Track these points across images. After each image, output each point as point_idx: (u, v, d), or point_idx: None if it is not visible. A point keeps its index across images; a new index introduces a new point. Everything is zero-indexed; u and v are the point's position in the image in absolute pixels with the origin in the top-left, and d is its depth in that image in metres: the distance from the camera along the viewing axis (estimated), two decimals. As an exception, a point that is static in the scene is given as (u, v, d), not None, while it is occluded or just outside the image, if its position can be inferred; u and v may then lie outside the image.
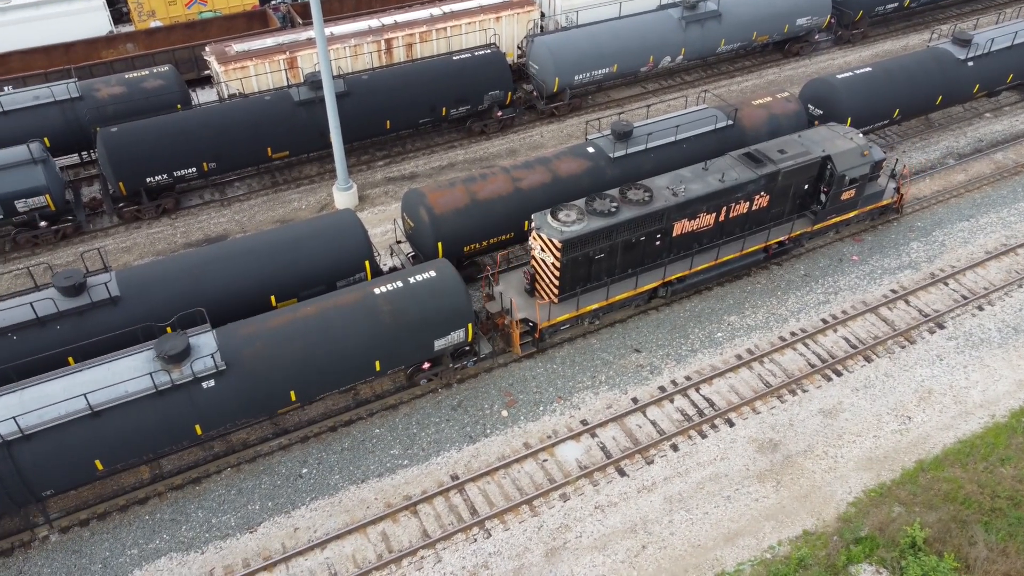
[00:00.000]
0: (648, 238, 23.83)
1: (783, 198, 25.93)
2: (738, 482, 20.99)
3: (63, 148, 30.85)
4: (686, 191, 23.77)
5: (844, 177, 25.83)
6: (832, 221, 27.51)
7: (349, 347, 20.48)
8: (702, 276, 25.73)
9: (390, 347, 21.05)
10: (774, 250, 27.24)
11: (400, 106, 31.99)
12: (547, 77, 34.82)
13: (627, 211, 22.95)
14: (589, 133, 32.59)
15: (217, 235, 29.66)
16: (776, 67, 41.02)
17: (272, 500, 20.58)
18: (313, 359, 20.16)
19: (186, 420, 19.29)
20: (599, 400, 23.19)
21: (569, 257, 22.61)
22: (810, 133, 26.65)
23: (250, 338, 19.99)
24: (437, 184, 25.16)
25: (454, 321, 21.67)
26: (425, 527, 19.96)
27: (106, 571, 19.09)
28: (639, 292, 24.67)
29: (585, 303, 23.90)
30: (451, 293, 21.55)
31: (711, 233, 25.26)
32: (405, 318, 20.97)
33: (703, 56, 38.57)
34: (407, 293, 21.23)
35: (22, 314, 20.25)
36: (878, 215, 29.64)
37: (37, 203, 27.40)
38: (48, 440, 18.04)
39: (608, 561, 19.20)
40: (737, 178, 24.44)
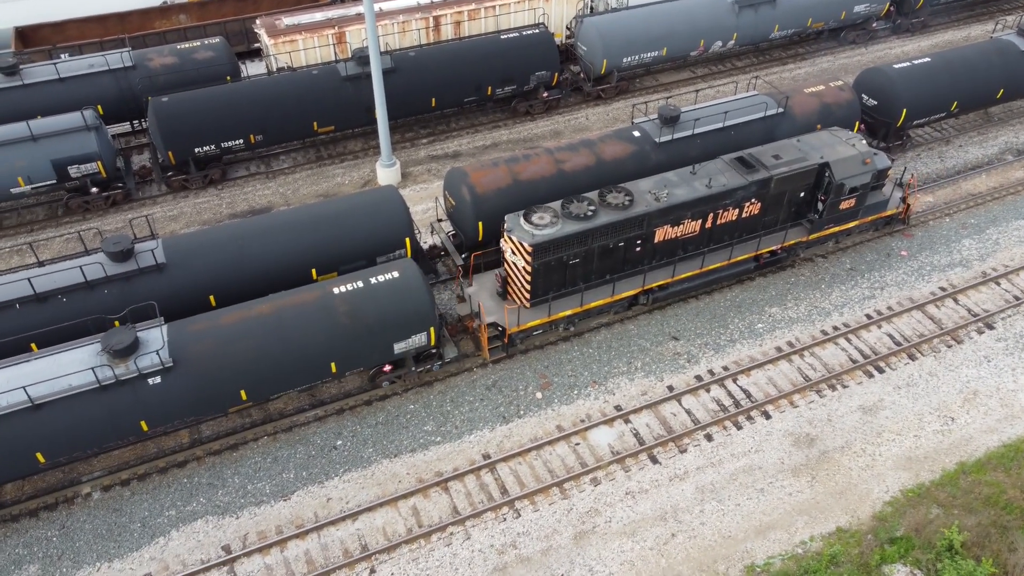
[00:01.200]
0: (627, 244, 22.85)
1: (776, 206, 24.69)
2: (772, 475, 20.74)
3: (115, 116, 31.43)
4: (669, 196, 22.66)
5: (843, 186, 24.46)
6: (830, 231, 26.09)
7: (303, 348, 19.87)
8: (686, 285, 24.62)
9: (347, 349, 20.35)
10: (766, 259, 25.89)
11: (446, 84, 31.95)
12: (595, 59, 34.45)
13: (604, 215, 22.00)
14: (635, 117, 32.24)
15: (261, 207, 30.02)
16: (831, 55, 40.04)
17: (306, 470, 20.90)
18: (265, 359, 19.60)
19: (131, 416, 18.92)
20: (634, 386, 23.06)
21: (541, 261, 21.77)
22: (810, 138, 25.31)
23: (201, 335, 19.50)
24: (480, 163, 25.11)
25: (415, 324, 20.88)
26: (455, 504, 20.11)
27: (144, 530, 19.60)
28: (616, 300, 23.76)
29: (558, 309, 23.05)
30: (412, 296, 20.74)
31: (697, 240, 24.10)
32: (363, 320, 20.24)
33: (755, 42, 37.82)
34: (366, 294, 20.50)
35: (72, 277, 20.74)
36: (882, 226, 28.13)
37: (89, 169, 27.98)
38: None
39: (637, 547, 19.15)
40: (725, 184, 23.25)
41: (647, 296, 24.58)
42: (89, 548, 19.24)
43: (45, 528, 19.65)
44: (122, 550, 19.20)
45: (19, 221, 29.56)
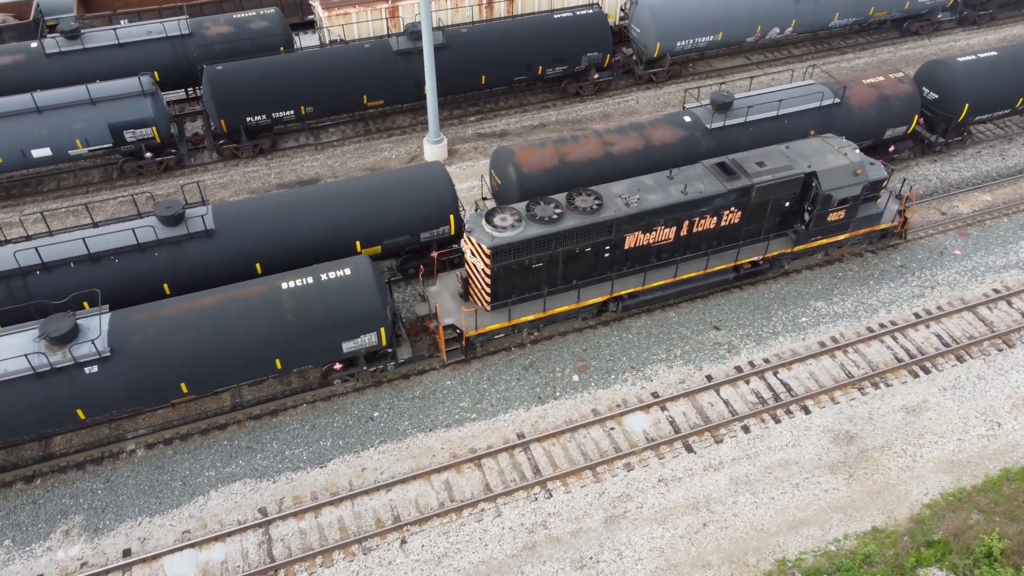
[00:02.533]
0: (596, 249, 22.05)
1: (759, 215, 23.61)
2: (808, 471, 20.48)
3: (171, 83, 31.98)
4: (640, 201, 21.76)
5: (830, 197, 23.27)
6: (817, 244, 24.93)
7: (246, 343, 19.49)
8: (658, 293, 23.76)
9: (292, 346, 19.93)
10: (746, 270, 24.83)
11: (497, 62, 31.83)
12: (648, 41, 33.99)
13: (571, 219, 21.19)
14: (687, 102, 31.78)
15: (309, 178, 30.33)
16: (892, 46, 38.93)
17: (343, 439, 21.21)
18: (206, 352, 19.26)
19: (66, 404, 18.75)
20: (672, 374, 22.90)
21: (501, 265, 21.12)
22: (800, 145, 23.99)
23: (142, 325, 19.23)
24: (527, 143, 25.01)
25: (364, 324, 20.34)
26: (488, 481, 20.25)
27: (185, 488, 20.12)
28: (582, 306, 23.02)
29: (519, 314, 22.34)
30: (362, 295, 20.14)
31: (672, 248, 23.24)
32: (309, 318, 19.77)
33: (814, 29, 36.93)
34: (314, 291, 19.99)
35: (124, 239, 21.23)
36: (877, 240, 26.76)
37: (144, 134, 28.52)
38: None
39: (667, 535, 19.11)
40: (702, 191, 22.25)
41: (616, 304, 23.70)
42: (132, 502, 19.82)
43: (91, 481, 20.28)
44: (163, 506, 19.74)
45: (76, 182, 30.31)
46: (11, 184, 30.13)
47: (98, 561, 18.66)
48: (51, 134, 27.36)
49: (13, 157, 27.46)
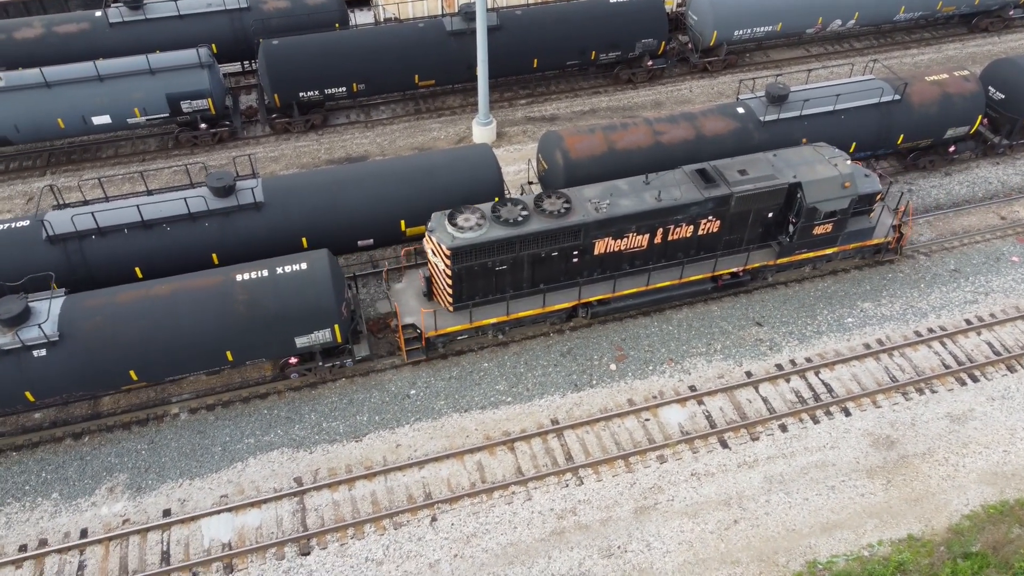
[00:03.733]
0: (563, 254, 21.50)
1: (740, 225, 22.76)
2: (845, 474, 20.17)
3: (228, 56, 32.47)
4: (610, 207, 21.13)
5: (816, 210, 22.33)
6: (802, 257, 23.96)
7: (196, 334, 19.43)
8: (630, 302, 23.08)
9: (243, 339, 19.81)
10: (725, 281, 23.97)
11: (550, 45, 31.63)
12: (705, 29, 33.43)
13: (537, 222, 20.67)
14: (741, 93, 31.19)
15: (358, 155, 30.60)
16: (959, 42, 37.67)
17: (379, 415, 21.50)
18: (156, 341, 19.25)
19: (14, 386, 18.87)
20: (711, 368, 22.69)
21: (462, 266, 20.72)
22: (788, 153, 23.05)
23: (93, 311, 19.28)
24: (576, 128, 24.86)
25: (317, 320, 20.12)
26: (520, 464, 20.36)
27: (224, 453, 20.63)
28: (547, 311, 22.46)
29: (482, 316, 21.95)
30: (316, 291, 19.90)
31: (645, 255, 22.58)
32: (261, 311, 19.62)
33: (877, 23, 35.90)
34: (268, 285, 19.80)
35: (176, 208, 21.71)
36: (870, 255, 25.58)
37: (200, 105, 29.05)
38: None
39: (697, 529, 19.02)
40: (678, 198, 21.49)
41: (586, 310, 23.18)
42: (173, 464, 20.40)
43: (136, 441, 20.91)
44: (203, 470, 20.28)
45: (133, 150, 31.04)
46: (72, 149, 30.98)
47: (139, 519, 19.27)
48: (111, 102, 28.04)
49: (75, 123, 28.21)
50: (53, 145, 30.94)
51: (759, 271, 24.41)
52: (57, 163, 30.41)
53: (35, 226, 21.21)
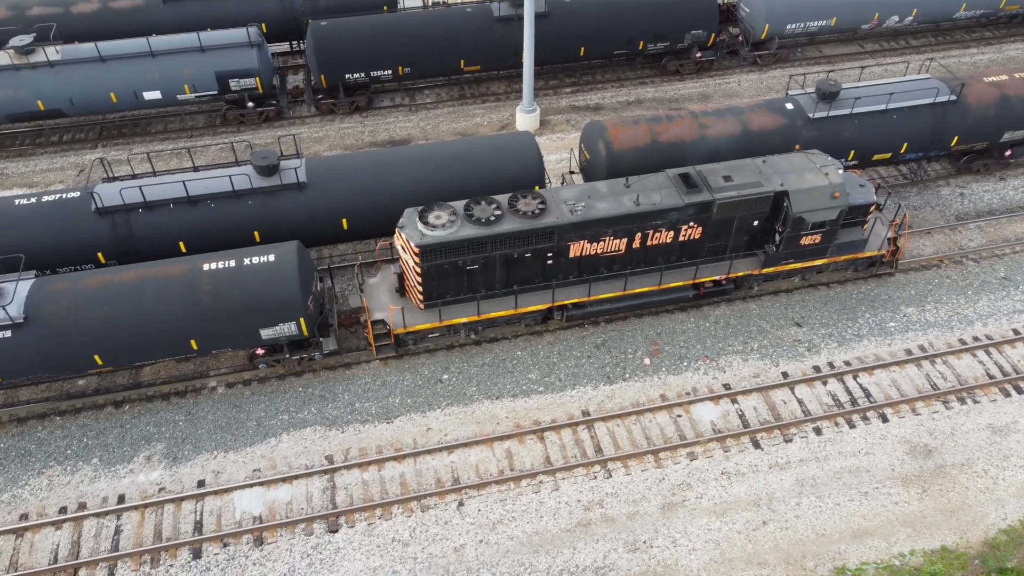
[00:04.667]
0: (536, 256, 21.11)
1: (723, 232, 22.08)
2: (879, 480, 19.82)
3: (277, 35, 32.79)
4: (586, 209, 20.67)
5: (802, 220, 21.65)
6: (789, 267, 23.25)
7: (160, 321, 19.51)
8: (607, 306, 22.55)
9: (208, 328, 19.84)
10: (708, 289, 23.33)
11: (597, 34, 31.34)
12: (756, 22, 32.83)
13: (509, 223, 20.28)
14: (791, 88, 30.65)
15: (401, 139, 30.72)
16: (1021, 43, 36.45)
17: (411, 398, 21.67)
18: (120, 327, 19.36)
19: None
20: (747, 367, 22.42)
21: (431, 264, 20.44)
22: (778, 160, 22.24)
23: (59, 294, 19.43)
24: (620, 119, 24.64)
25: (282, 313, 20.00)
26: (549, 454, 20.38)
27: (259, 428, 20.98)
28: (520, 313, 22.04)
29: (453, 315, 21.66)
30: (282, 283, 19.80)
31: (623, 260, 22.08)
32: (225, 301, 19.61)
33: (936, 20, 34.91)
34: (234, 275, 19.77)
35: (221, 185, 22.04)
36: (863, 267, 24.70)
37: (248, 84, 29.40)
38: None
39: (724, 528, 18.87)
40: (656, 203, 20.90)
41: (561, 313, 22.76)
42: (209, 436, 20.81)
43: (174, 412, 21.37)
44: (237, 443, 20.66)
45: (181, 126, 31.56)
46: (123, 123, 31.60)
47: (175, 488, 19.72)
48: (162, 78, 28.51)
49: (126, 98, 28.76)
50: (105, 119, 31.60)
51: (744, 280, 23.70)
52: (108, 136, 31.05)
53: (85, 198, 21.71)
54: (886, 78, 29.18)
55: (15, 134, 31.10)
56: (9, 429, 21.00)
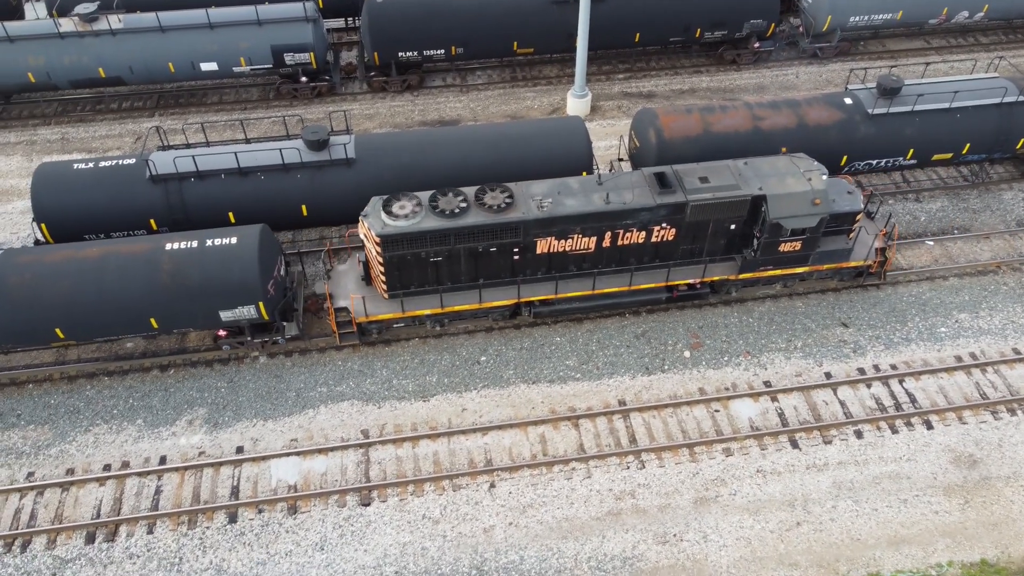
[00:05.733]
0: (502, 251, 20.72)
1: (698, 235, 21.43)
2: (920, 488, 19.36)
3: (332, 11, 33.02)
4: (553, 205, 20.22)
5: (780, 226, 20.85)
6: (768, 274, 22.50)
7: (120, 298, 19.68)
8: (576, 304, 22.14)
9: (168, 307, 19.99)
10: (681, 292, 22.69)
11: (654, 20, 30.87)
12: (819, 13, 31.99)
13: (474, 216, 19.98)
14: (851, 83, 29.83)
15: (451, 119, 30.72)
16: (1098, 43, 34.97)
17: (448, 377, 21.77)
18: (80, 302, 19.60)
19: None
20: (789, 366, 22.04)
21: (393, 254, 20.17)
22: (760, 163, 21.46)
23: (23, 267, 19.71)
24: (673, 107, 24.28)
25: (241, 296, 20.02)
26: (583, 441, 20.32)
27: (298, 399, 21.31)
28: (484, 307, 21.67)
29: (416, 307, 21.37)
30: (241, 267, 19.81)
31: (593, 258, 21.55)
32: (184, 282, 19.74)
33: (1009, 17, 33.61)
34: (195, 256, 19.85)
35: (271, 157, 22.31)
36: (850, 277, 23.77)
37: (302, 59, 29.64)
38: None
39: (757, 527, 18.64)
40: (627, 202, 20.35)
41: (528, 309, 22.36)
42: (249, 404, 21.21)
43: (217, 379, 21.80)
44: (276, 413, 21.01)
45: (235, 98, 31.99)
46: (179, 93, 32.16)
47: (214, 453, 20.15)
48: (219, 50, 28.91)
49: (184, 68, 29.23)
50: (162, 88, 32.19)
51: (721, 285, 23.09)
52: (165, 106, 31.64)
53: (140, 165, 22.17)
54: (951, 76, 28.24)
55: (77, 100, 31.86)
56: (60, 386, 21.66)
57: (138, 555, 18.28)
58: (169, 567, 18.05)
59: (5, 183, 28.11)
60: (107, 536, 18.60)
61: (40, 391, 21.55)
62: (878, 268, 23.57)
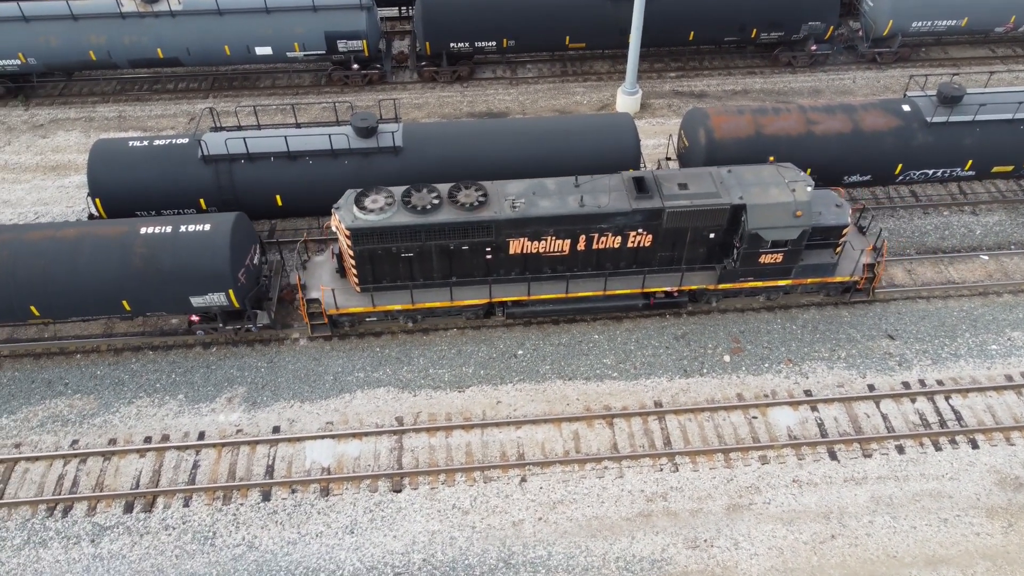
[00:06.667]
0: (474, 249, 20.51)
1: (676, 242, 20.97)
2: (962, 508, 18.84)
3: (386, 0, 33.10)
4: (527, 206, 19.94)
5: (759, 237, 20.30)
6: (748, 285, 21.88)
7: (94, 280, 19.93)
8: (549, 307, 21.86)
9: (139, 291, 20.17)
10: (658, 300, 22.28)
11: (709, 19, 30.46)
12: (880, 17, 31.23)
13: (446, 213, 19.80)
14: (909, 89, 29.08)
15: (499, 111, 30.69)
16: None
17: (484, 369, 21.79)
18: (55, 281, 19.83)
19: None
20: (831, 376, 21.61)
21: (364, 248, 20.08)
22: (743, 171, 20.86)
23: (1, 245, 20.00)
24: (724, 108, 23.93)
25: (211, 283, 20.16)
26: (616, 441, 20.19)
27: (335, 383, 21.52)
28: (455, 305, 21.49)
29: (387, 301, 21.24)
30: (212, 254, 19.94)
31: (567, 261, 21.24)
32: (157, 266, 19.91)
33: (1081, 27, 32.44)
34: (168, 242, 20.02)
35: (320, 143, 22.52)
36: (837, 293, 23.07)
37: (355, 46, 29.86)
38: None
39: (790, 537, 18.33)
40: (602, 206, 19.98)
41: (501, 309, 22.16)
42: (288, 386, 21.48)
43: (257, 359, 22.12)
44: (314, 395, 21.25)
45: (288, 83, 32.37)
46: (234, 76, 32.65)
47: (251, 431, 20.46)
48: (274, 34, 29.26)
49: (239, 51, 29.66)
50: (217, 71, 32.69)
51: (700, 294, 22.60)
52: (219, 88, 32.15)
53: (192, 145, 22.55)
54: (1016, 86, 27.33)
55: (135, 79, 32.55)
56: (107, 357, 22.18)
57: (173, 527, 18.65)
58: (203, 540, 18.40)
59: (63, 157, 28.85)
60: (144, 507, 19.02)
61: (87, 362, 22.09)
62: (865, 284, 22.85)
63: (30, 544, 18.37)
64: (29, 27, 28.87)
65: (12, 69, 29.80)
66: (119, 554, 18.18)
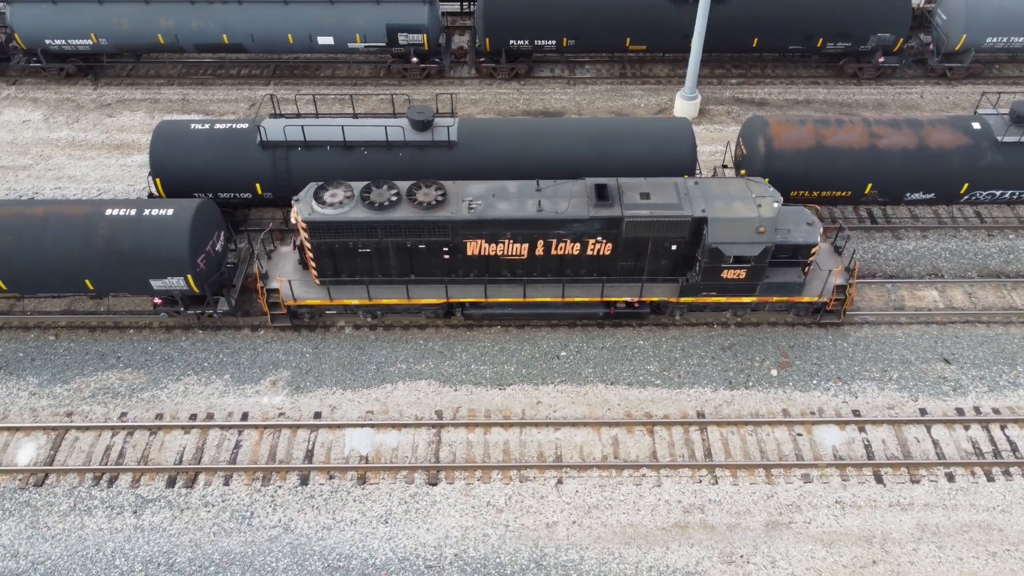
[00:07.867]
0: (432, 248, 20.38)
1: (636, 252, 20.56)
2: (1012, 543, 18.17)
3: (450, -6, 33.28)
4: (484, 208, 19.69)
5: (719, 251, 19.74)
6: (711, 300, 21.39)
7: (58, 258, 20.35)
8: (508, 311, 21.72)
9: (101, 271, 20.57)
10: (619, 310, 21.88)
11: (774, 26, 29.90)
12: (952, 31, 30.29)
13: (403, 211, 19.70)
14: (981, 107, 28.16)
15: (555, 110, 30.57)
16: None
17: (526, 368, 21.72)
18: (20, 259, 20.36)
19: None
20: (882, 397, 21.03)
21: (321, 242, 20.08)
22: (711, 183, 20.40)
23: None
24: (785, 117, 23.46)
25: (170, 267, 20.45)
26: (656, 449, 19.94)
27: (377, 372, 21.67)
28: (412, 304, 21.39)
29: (344, 295, 21.27)
30: (172, 239, 20.23)
31: (526, 266, 20.96)
32: (119, 247, 20.26)
33: None
34: (130, 224, 20.38)
35: (375, 134, 22.68)
36: (807, 313, 22.38)
37: (415, 40, 30.03)
38: None
39: (830, 559, 17.89)
40: (560, 212, 19.65)
41: (460, 309, 22.07)
42: (331, 372, 21.69)
43: (303, 344, 22.39)
44: (356, 383, 21.42)
45: (348, 73, 32.70)
46: (295, 64, 33.11)
47: (293, 415, 20.72)
48: (336, 25, 29.59)
49: (302, 40, 30.06)
50: (280, 58, 33.17)
51: (663, 306, 22.18)
52: (280, 75, 32.63)
53: (252, 130, 22.91)
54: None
55: (200, 64, 33.22)
56: (158, 334, 22.68)
57: (213, 504, 18.98)
58: (240, 520, 18.69)
59: (128, 137, 29.59)
60: (186, 482, 19.39)
61: (140, 337, 22.62)
62: (835, 306, 22.15)
63: (76, 511, 18.87)
64: (103, 8, 29.66)
65: (84, 49, 30.68)
66: (159, 527, 18.58)
